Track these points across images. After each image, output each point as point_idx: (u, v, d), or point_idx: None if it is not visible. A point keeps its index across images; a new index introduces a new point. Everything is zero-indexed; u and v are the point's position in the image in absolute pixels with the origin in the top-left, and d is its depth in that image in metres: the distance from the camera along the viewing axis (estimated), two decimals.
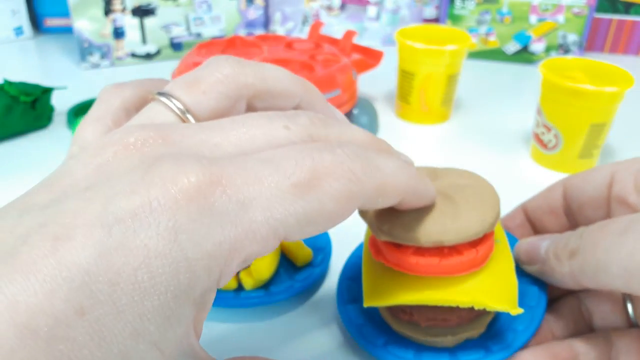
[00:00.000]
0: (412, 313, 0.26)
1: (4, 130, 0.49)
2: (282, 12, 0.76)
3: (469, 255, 0.24)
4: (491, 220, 0.24)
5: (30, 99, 0.50)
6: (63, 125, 0.53)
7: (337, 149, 0.17)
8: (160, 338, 0.14)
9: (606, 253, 0.22)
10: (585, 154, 0.46)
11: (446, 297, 0.25)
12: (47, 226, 0.14)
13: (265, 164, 0.16)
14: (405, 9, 0.76)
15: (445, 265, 0.24)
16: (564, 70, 0.48)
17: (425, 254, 0.24)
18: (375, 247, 0.27)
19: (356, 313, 0.29)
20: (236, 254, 0.15)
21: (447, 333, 0.26)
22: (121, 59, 0.69)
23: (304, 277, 0.32)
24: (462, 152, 0.50)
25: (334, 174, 0.16)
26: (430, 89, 0.53)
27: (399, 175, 0.19)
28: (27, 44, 0.76)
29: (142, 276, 0.14)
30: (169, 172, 0.15)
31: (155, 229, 0.14)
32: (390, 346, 0.27)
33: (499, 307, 0.24)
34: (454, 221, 0.24)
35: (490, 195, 0.25)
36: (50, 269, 0.13)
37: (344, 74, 0.48)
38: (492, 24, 0.72)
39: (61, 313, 0.13)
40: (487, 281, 0.25)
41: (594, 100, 0.43)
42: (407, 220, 0.24)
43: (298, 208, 0.16)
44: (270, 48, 0.52)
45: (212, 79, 0.19)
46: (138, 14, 0.67)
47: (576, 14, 0.69)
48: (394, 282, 0.26)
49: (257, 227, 0.15)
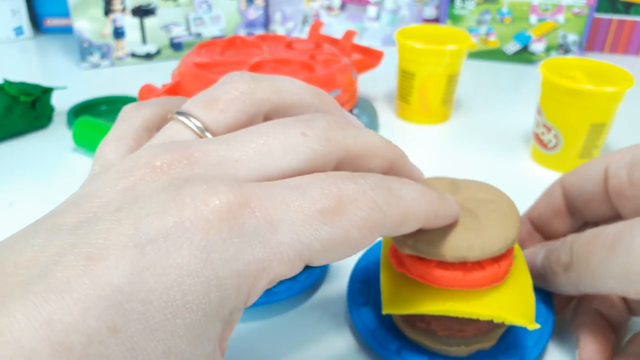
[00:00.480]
0: (430, 322, 0.27)
1: (4, 130, 0.49)
2: (282, 12, 0.76)
3: (491, 270, 0.25)
4: (513, 236, 0.25)
5: (30, 99, 0.50)
6: (63, 125, 0.53)
7: (360, 178, 0.18)
8: (190, 356, 0.14)
9: (600, 267, 0.24)
10: (585, 154, 0.46)
11: (468, 310, 0.25)
12: (79, 246, 0.14)
13: (292, 190, 0.16)
14: (405, 9, 0.76)
15: (469, 279, 0.25)
16: (564, 70, 0.48)
17: (449, 267, 0.25)
18: (397, 258, 0.27)
19: (369, 316, 0.29)
20: (264, 273, 0.15)
21: (461, 343, 0.27)
22: (121, 59, 0.69)
23: (305, 277, 0.32)
24: (462, 152, 0.50)
25: (358, 203, 0.17)
26: (430, 89, 0.53)
27: (421, 203, 0.19)
28: (27, 44, 0.76)
29: (175, 294, 0.14)
30: (200, 193, 0.15)
31: (188, 248, 0.14)
32: (403, 352, 0.27)
33: (518, 322, 0.25)
34: (478, 237, 0.24)
35: (511, 210, 0.26)
36: (84, 287, 0.13)
37: (344, 74, 0.48)
38: (492, 24, 0.72)
39: (95, 331, 0.13)
40: (507, 296, 0.26)
41: (594, 100, 0.43)
42: (430, 236, 0.24)
43: (324, 234, 0.16)
44: (270, 48, 0.52)
45: (228, 97, 0.19)
46: (138, 14, 0.67)
47: (576, 14, 0.69)
48: (415, 292, 0.26)
49: (284, 249, 0.16)
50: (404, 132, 0.54)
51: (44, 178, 0.44)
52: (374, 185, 0.18)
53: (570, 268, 0.26)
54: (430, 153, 0.50)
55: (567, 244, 0.26)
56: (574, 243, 0.26)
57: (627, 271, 0.22)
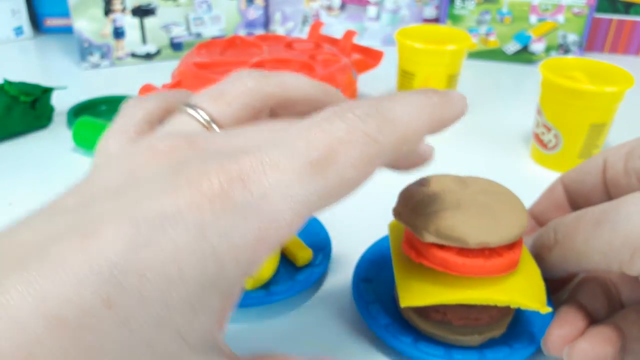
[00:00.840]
0: (446, 312, 0.27)
1: (4, 130, 0.49)
2: (282, 12, 0.76)
3: (507, 257, 0.26)
4: (526, 224, 0.26)
5: (30, 99, 0.50)
6: (63, 125, 0.53)
7: (347, 112, 0.17)
8: (185, 327, 0.15)
9: (585, 244, 0.24)
10: (585, 154, 0.46)
11: (486, 297, 0.26)
12: (76, 225, 0.14)
13: (280, 148, 0.16)
14: (405, 9, 0.76)
15: (489, 266, 0.26)
16: (564, 70, 0.48)
17: (469, 255, 0.26)
18: (414, 250, 0.27)
19: (380, 313, 0.29)
20: (263, 242, 0.16)
21: (475, 332, 0.28)
22: (121, 59, 0.69)
23: (305, 277, 0.32)
24: (462, 152, 0.50)
25: (349, 143, 0.16)
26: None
27: (421, 116, 0.18)
28: (27, 43, 0.76)
29: (170, 269, 0.14)
30: (194, 174, 0.15)
31: (184, 227, 0.14)
32: (419, 344, 0.28)
33: (533, 306, 0.26)
34: (497, 224, 0.25)
35: (518, 202, 0.27)
36: (79, 263, 0.13)
37: (344, 74, 0.48)
38: (492, 24, 0.72)
39: (89, 304, 0.13)
40: (521, 282, 0.27)
41: (593, 100, 0.43)
42: (451, 223, 0.25)
43: (319, 187, 0.16)
44: (270, 48, 0.52)
45: (236, 92, 0.20)
46: (138, 14, 0.67)
47: (576, 14, 0.69)
48: (433, 283, 0.27)
49: (281, 215, 0.16)
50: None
51: (44, 178, 0.44)
52: (364, 116, 0.17)
53: (554, 248, 0.27)
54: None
55: (550, 227, 0.27)
56: (558, 224, 0.27)
57: (611, 244, 0.23)
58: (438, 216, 0.26)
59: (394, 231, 0.31)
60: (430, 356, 0.27)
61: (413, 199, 0.27)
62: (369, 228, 0.35)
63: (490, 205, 0.26)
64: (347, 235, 0.36)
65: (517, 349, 0.28)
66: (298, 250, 0.33)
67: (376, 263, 0.33)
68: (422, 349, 0.27)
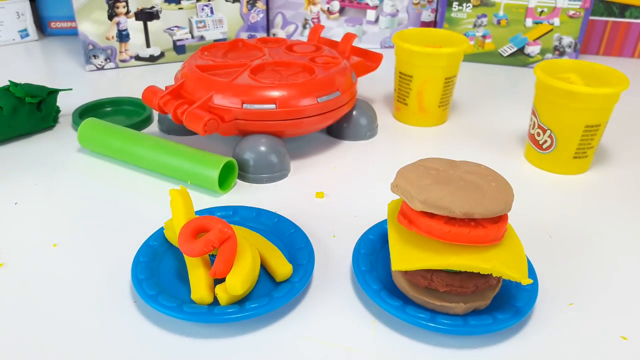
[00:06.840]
0: (432, 279, 0.30)
1: (10, 131, 0.50)
2: (283, 16, 0.77)
3: (492, 230, 0.29)
4: (510, 203, 0.29)
5: (36, 100, 0.51)
6: (68, 126, 0.54)
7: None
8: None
9: None
10: (580, 155, 0.47)
11: (470, 264, 0.29)
12: None
13: None
14: (403, 12, 0.77)
15: (473, 235, 0.29)
16: (559, 72, 0.48)
17: (455, 224, 0.29)
18: (407, 218, 0.31)
19: (373, 280, 0.32)
20: None
21: (460, 300, 0.30)
22: (125, 61, 0.70)
23: (282, 293, 0.31)
24: (459, 153, 0.51)
25: None
26: (427, 91, 0.54)
27: None
28: (32, 46, 0.77)
29: None
30: None
31: None
32: (407, 308, 0.30)
33: (514, 276, 0.28)
34: (483, 198, 0.29)
35: (506, 183, 0.30)
36: None
37: (343, 76, 0.49)
38: (489, 27, 0.73)
39: None
40: (504, 254, 0.29)
41: (588, 101, 0.44)
42: (440, 194, 0.28)
43: None
44: (271, 51, 0.53)
45: None
46: (142, 18, 0.68)
47: (571, 17, 0.70)
48: (422, 250, 0.30)
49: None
50: (402, 133, 0.55)
51: (50, 178, 0.45)
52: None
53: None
54: (429, 154, 0.51)
55: None
56: None
57: None
58: (429, 188, 0.29)
59: (391, 209, 0.34)
60: (416, 318, 0.29)
61: (408, 175, 0.30)
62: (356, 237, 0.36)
63: (477, 183, 0.29)
64: (334, 250, 0.37)
65: (500, 319, 0.30)
66: (278, 266, 0.33)
67: (375, 241, 0.36)
68: (408, 312, 0.30)
